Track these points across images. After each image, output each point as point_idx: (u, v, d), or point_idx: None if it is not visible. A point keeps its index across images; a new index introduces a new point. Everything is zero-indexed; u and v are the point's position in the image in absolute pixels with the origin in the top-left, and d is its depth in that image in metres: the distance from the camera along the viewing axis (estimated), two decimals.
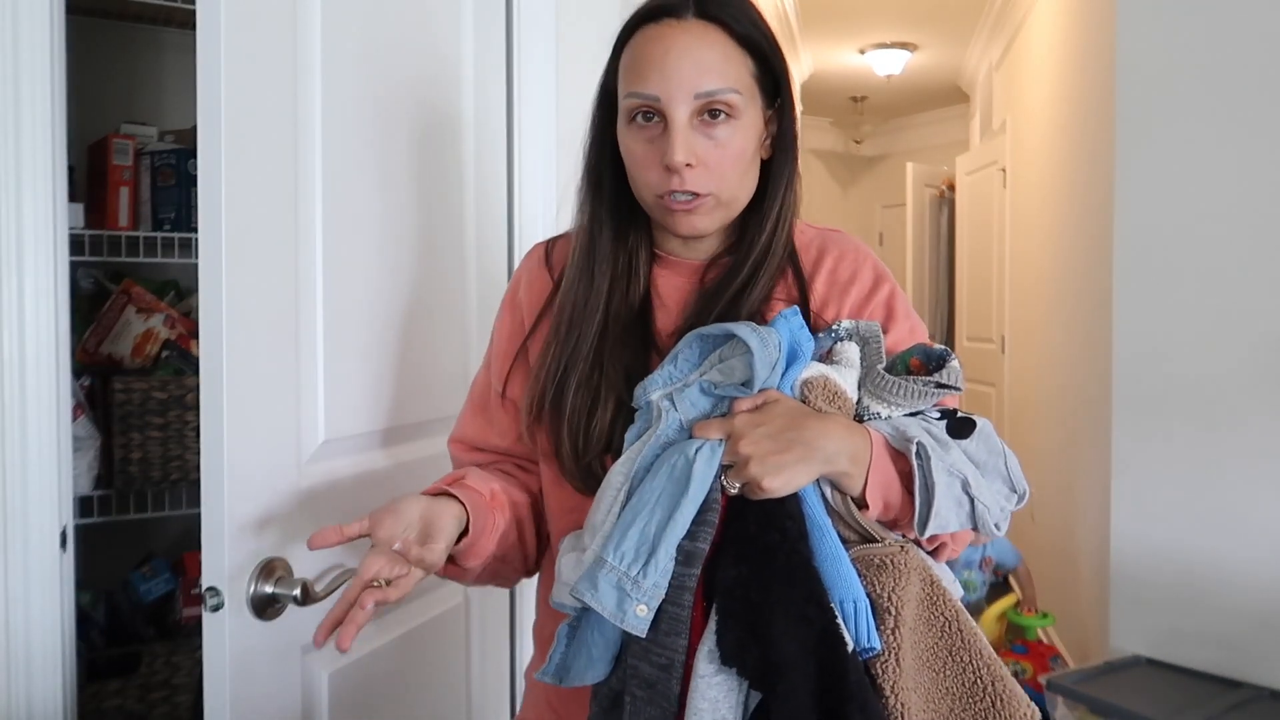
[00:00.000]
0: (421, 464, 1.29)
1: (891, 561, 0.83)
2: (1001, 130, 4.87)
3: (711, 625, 0.82)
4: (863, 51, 5.69)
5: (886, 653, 0.82)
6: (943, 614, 0.85)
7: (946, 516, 0.85)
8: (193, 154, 1.87)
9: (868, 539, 0.86)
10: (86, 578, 1.80)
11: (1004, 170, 4.77)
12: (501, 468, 1.07)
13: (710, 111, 0.91)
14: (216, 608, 0.99)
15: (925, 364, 0.89)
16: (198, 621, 1.07)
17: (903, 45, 5.58)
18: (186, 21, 1.98)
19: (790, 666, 0.78)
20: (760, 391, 0.85)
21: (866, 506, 0.85)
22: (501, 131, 1.57)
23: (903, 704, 0.80)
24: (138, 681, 1.87)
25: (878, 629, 0.82)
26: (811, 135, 7.34)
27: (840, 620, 0.80)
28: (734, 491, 0.83)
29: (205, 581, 1.00)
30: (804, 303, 0.97)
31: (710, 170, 0.92)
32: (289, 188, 1.10)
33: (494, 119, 1.55)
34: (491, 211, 1.54)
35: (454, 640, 1.47)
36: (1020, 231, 4.42)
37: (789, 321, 0.88)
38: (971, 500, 0.85)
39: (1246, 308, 2.35)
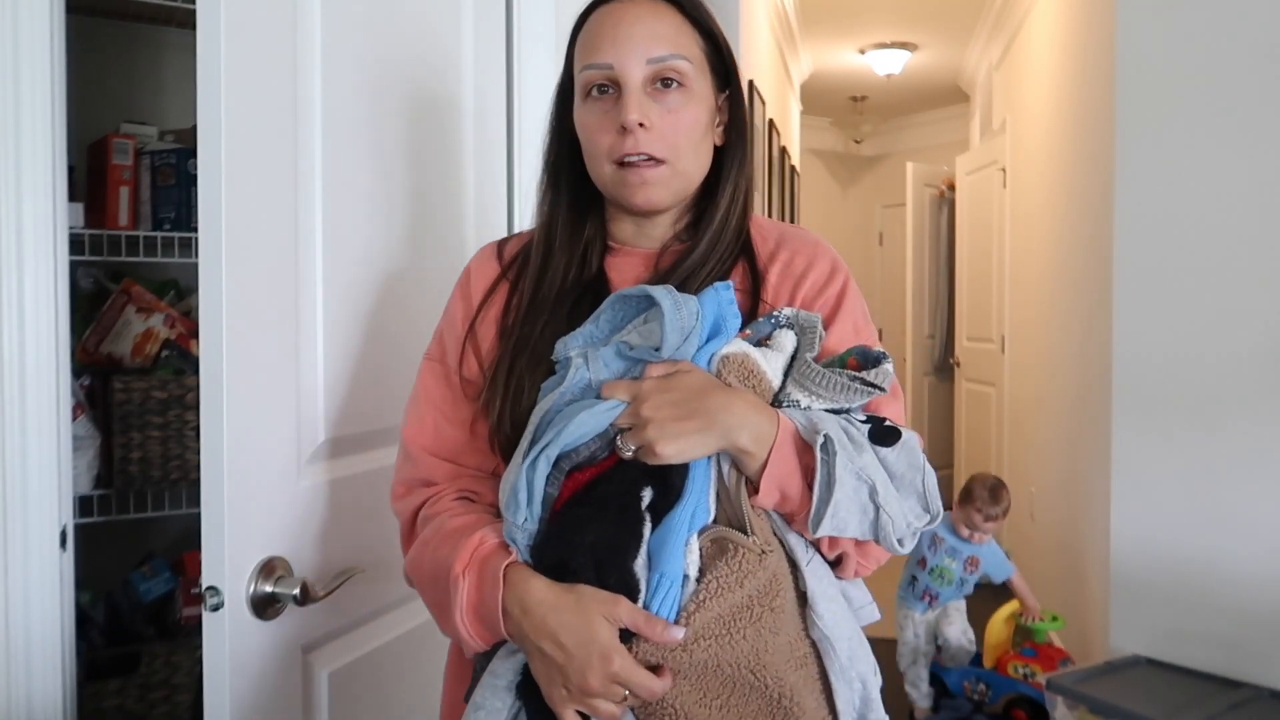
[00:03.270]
0: None
1: (739, 554, 0.81)
2: (1001, 130, 4.87)
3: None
4: (863, 51, 5.69)
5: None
6: (756, 633, 0.81)
7: (846, 519, 0.82)
8: (193, 154, 1.87)
9: (743, 530, 0.84)
10: (86, 577, 1.80)
11: (1004, 170, 4.77)
12: (474, 490, 1.02)
13: (663, 80, 0.94)
14: (216, 607, 0.99)
15: (862, 364, 0.87)
16: (198, 621, 1.08)
17: (903, 45, 5.57)
18: (186, 21, 1.97)
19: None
20: (673, 360, 0.85)
21: (758, 492, 0.84)
22: (501, 130, 1.57)
23: (682, 691, 0.81)
24: (137, 681, 1.87)
25: (679, 610, 0.81)
26: (811, 135, 7.34)
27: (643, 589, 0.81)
28: (628, 455, 0.82)
29: (205, 581, 1.00)
30: (756, 292, 0.97)
31: (664, 135, 0.94)
32: (289, 187, 1.10)
33: (494, 117, 1.55)
34: (492, 210, 1.54)
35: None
36: (1020, 231, 4.42)
37: (719, 295, 0.88)
38: (877, 509, 0.82)
39: (1246, 307, 2.35)
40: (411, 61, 1.33)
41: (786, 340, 0.88)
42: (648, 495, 0.83)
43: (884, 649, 3.06)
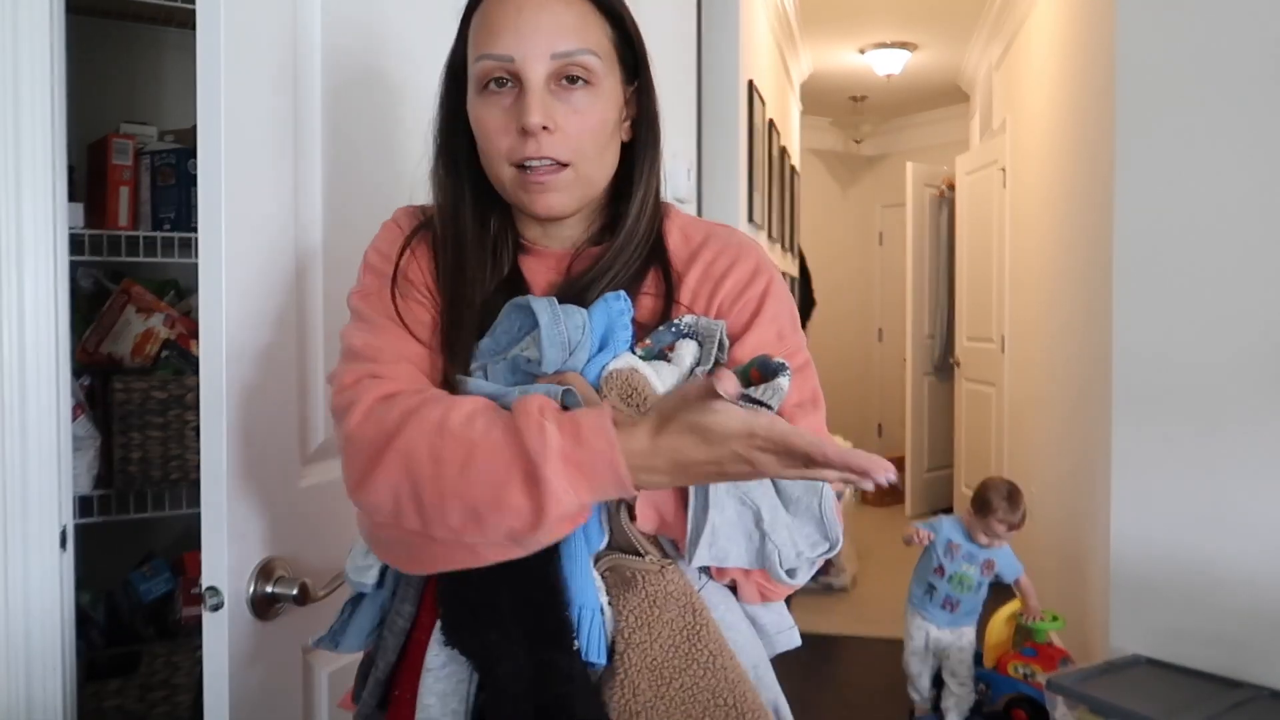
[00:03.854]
0: None
1: (643, 579, 0.78)
2: (1001, 130, 4.87)
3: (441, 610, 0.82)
4: (863, 51, 5.69)
5: (614, 678, 0.77)
6: (706, 649, 0.78)
7: (727, 548, 0.77)
8: (193, 154, 1.87)
9: (635, 551, 0.81)
10: (86, 577, 1.80)
11: (1004, 170, 4.77)
12: None
13: (568, 77, 0.85)
14: (216, 607, 0.99)
15: (764, 376, 0.81)
16: (197, 621, 1.07)
17: (903, 45, 5.57)
18: (186, 21, 1.97)
19: (507, 652, 0.76)
20: (557, 374, 0.80)
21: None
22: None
23: None
24: (137, 681, 1.87)
25: (610, 651, 0.78)
26: (811, 135, 7.34)
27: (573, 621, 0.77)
28: None
29: (205, 581, 1.00)
30: (669, 295, 0.90)
31: (569, 138, 0.85)
32: (289, 187, 1.10)
33: None
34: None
35: None
36: (1020, 231, 4.42)
37: (609, 305, 0.84)
38: (763, 536, 0.77)
39: (1246, 307, 2.36)
40: (411, 60, 1.33)
41: (686, 351, 0.84)
42: None
43: (886, 649, 3.07)
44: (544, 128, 0.84)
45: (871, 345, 7.64)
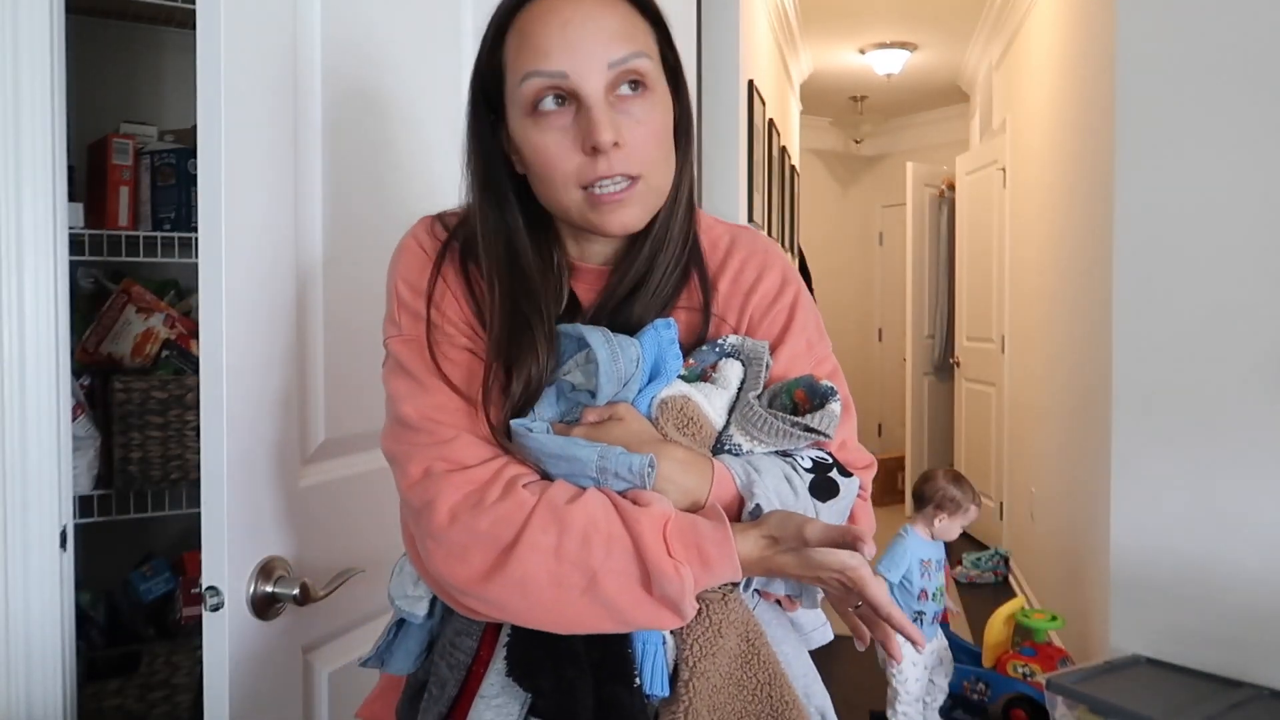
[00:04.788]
0: None
1: (706, 608, 0.79)
2: (1001, 130, 4.88)
3: (502, 640, 0.81)
4: (863, 51, 5.69)
5: (676, 704, 0.78)
6: (757, 677, 0.80)
7: (769, 580, 0.80)
8: (193, 154, 1.88)
9: None
10: (86, 577, 1.80)
11: (1004, 170, 4.77)
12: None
13: (627, 84, 0.81)
14: (216, 607, 0.99)
15: (809, 397, 0.83)
16: (197, 621, 1.08)
17: (903, 45, 5.58)
18: (186, 21, 1.98)
19: (573, 688, 0.77)
20: (609, 405, 0.80)
21: None
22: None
23: None
24: (137, 681, 1.87)
25: (672, 678, 0.79)
26: (811, 135, 7.34)
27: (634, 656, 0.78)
28: None
29: (205, 581, 1.00)
30: (706, 308, 0.90)
31: (636, 151, 0.81)
32: (289, 187, 1.10)
33: None
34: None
35: None
36: (1020, 231, 4.42)
37: (659, 334, 0.83)
38: None
39: (1246, 308, 2.35)
40: (411, 60, 1.33)
41: (732, 373, 0.84)
42: None
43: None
44: (615, 144, 0.80)
45: (871, 345, 7.64)
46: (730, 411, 0.84)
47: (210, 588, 1.00)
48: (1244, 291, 2.36)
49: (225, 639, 1.00)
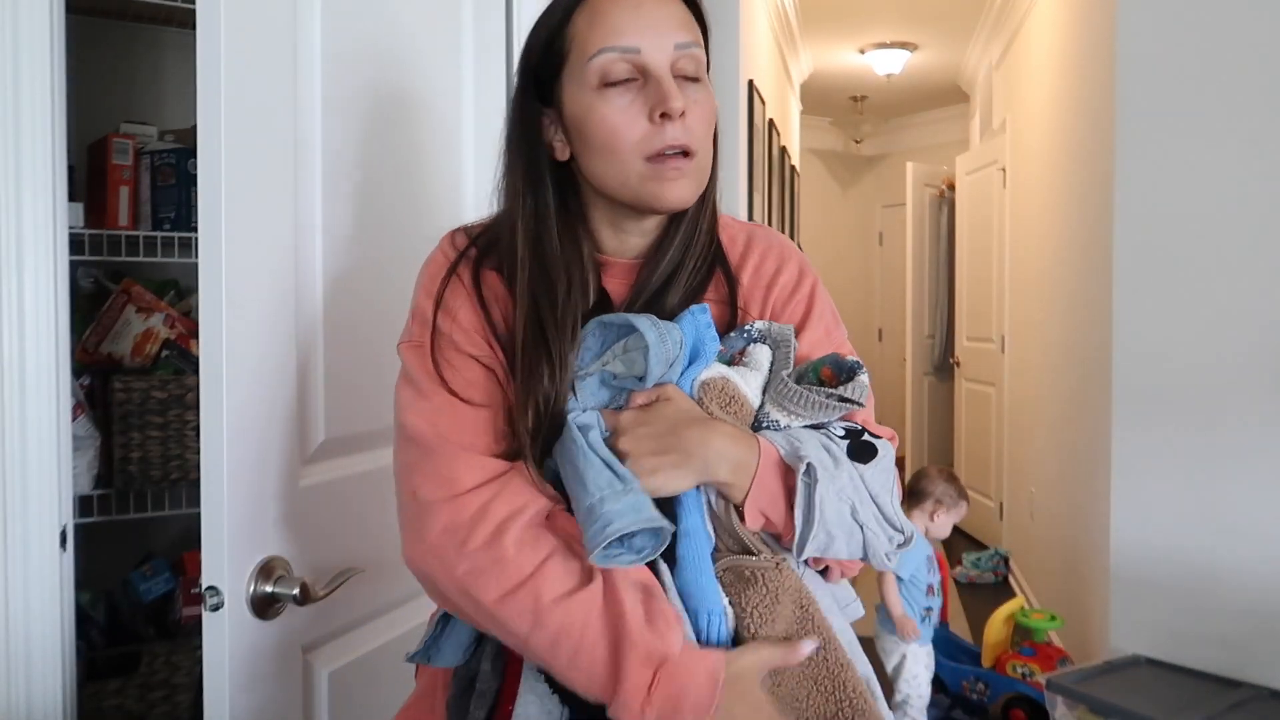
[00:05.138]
0: None
1: (762, 577, 0.82)
2: (1001, 130, 4.88)
3: None
4: (863, 51, 5.69)
5: None
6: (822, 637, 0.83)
7: (830, 540, 0.82)
8: (193, 154, 1.87)
9: (747, 550, 0.85)
10: (86, 577, 1.80)
11: (1004, 170, 4.77)
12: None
13: (683, 72, 0.88)
14: (216, 607, 0.99)
15: (836, 375, 0.87)
16: (197, 621, 1.07)
17: (903, 45, 5.58)
18: (186, 21, 1.97)
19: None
20: (656, 387, 0.84)
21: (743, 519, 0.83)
22: (502, 126, 1.57)
23: None
24: (137, 681, 1.87)
25: (733, 645, 0.82)
26: (811, 135, 7.34)
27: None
28: None
29: (205, 581, 1.00)
30: (732, 301, 0.95)
31: (695, 128, 0.88)
32: (289, 187, 1.10)
33: (495, 115, 1.54)
34: (492, 209, 1.54)
35: None
36: (1020, 231, 4.42)
37: (696, 319, 0.87)
38: (861, 528, 0.83)
39: (1246, 307, 2.36)
40: (412, 61, 1.34)
41: (762, 356, 0.88)
42: None
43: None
44: (682, 113, 0.85)
45: (871, 345, 7.64)
46: (764, 392, 0.88)
47: (210, 588, 1.00)
48: (1244, 292, 2.36)
49: (225, 639, 1.00)
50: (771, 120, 4.15)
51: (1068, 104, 3.33)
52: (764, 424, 0.87)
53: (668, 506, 0.83)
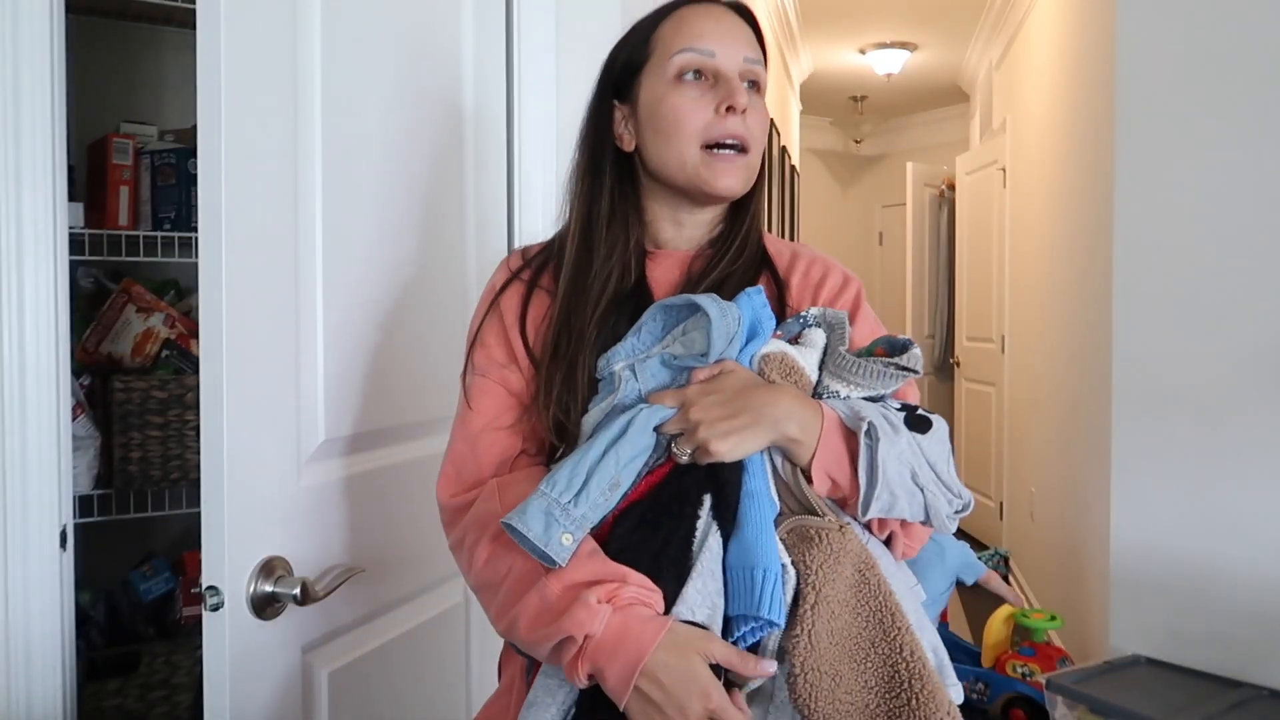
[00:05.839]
0: (421, 464, 1.29)
1: (825, 537, 0.84)
2: (1001, 130, 4.88)
3: None
4: (863, 51, 5.69)
5: (799, 628, 0.81)
6: (870, 603, 0.84)
7: (894, 501, 0.85)
8: (193, 153, 1.88)
9: (811, 513, 0.87)
10: (86, 577, 1.80)
11: (1004, 170, 4.77)
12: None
13: (750, 82, 1.01)
14: (216, 607, 0.99)
15: (890, 352, 0.91)
16: (197, 621, 1.08)
17: (903, 45, 5.58)
18: (186, 21, 1.98)
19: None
20: (717, 362, 0.89)
21: (810, 481, 0.87)
22: (501, 128, 1.57)
23: (810, 684, 0.80)
24: (137, 681, 1.87)
25: (796, 604, 0.82)
26: (811, 135, 7.34)
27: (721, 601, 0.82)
28: (684, 459, 0.86)
29: (205, 581, 1.00)
30: (782, 299, 1.03)
31: (753, 128, 1.00)
32: (289, 187, 1.10)
33: (494, 115, 1.55)
34: (491, 209, 1.54)
35: (454, 640, 1.47)
36: (1020, 231, 4.42)
37: (752, 299, 0.91)
38: (922, 490, 0.86)
39: (1246, 307, 2.35)
40: (411, 61, 1.34)
41: (817, 337, 0.93)
42: (708, 501, 0.85)
43: None
44: (744, 110, 0.98)
45: None
46: (820, 370, 0.92)
47: (210, 587, 1.00)
48: (1244, 291, 2.36)
49: (225, 639, 1.00)
50: (771, 120, 4.15)
51: (1068, 104, 3.33)
52: (824, 396, 0.91)
53: (731, 475, 0.85)
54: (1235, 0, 2.35)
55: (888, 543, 0.94)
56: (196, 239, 1.14)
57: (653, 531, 0.84)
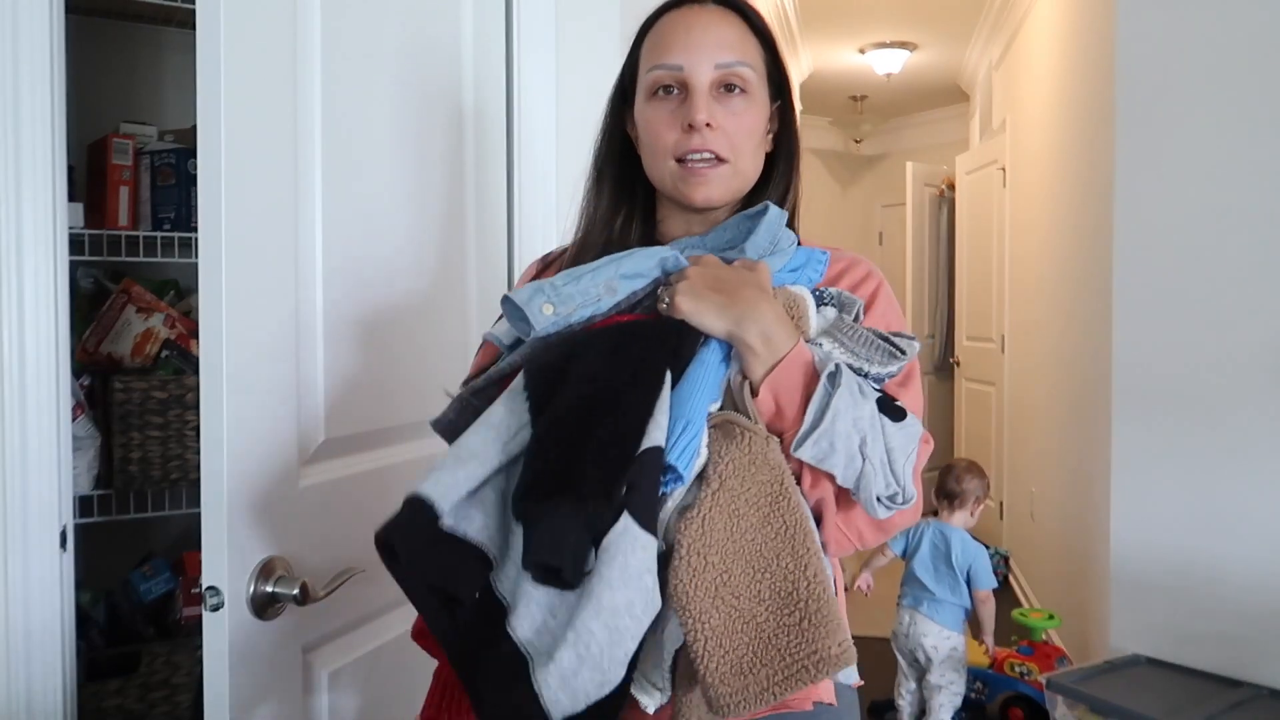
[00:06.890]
0: (421, 464, 1.28)
1: (747, 439, 0.84)
2: (1001, 129, 4.88)
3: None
4: (863, 51, 5.69)
5: (696, 510, 0.81)
6: (785, 517, 0.83)
7: (830, 452, 0.83)
8: (193, 154, 1.88)
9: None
10: (86, 577, 1.80)
11: (1004, 169, 4.77)
12: None
13: (727, 85, 0.98)
14: (216, 607, 0.99)
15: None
16: (198, 621, 1.08)
17: (902, 44, 5.57)
18: (186, 21, 1.98)
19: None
20: (752, 260, 0.91)
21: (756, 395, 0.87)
22: (501, 127, 1.57)
23: (693, 569, 0.79)
24: (138, 681, 1.87)
25: (699, 490, 0.82)
26: (811, 134, 7.34)
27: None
28: (662, 306, 0.88)
29: (205, 581, 1.00)
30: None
31: (728, 136, 0.98)
32: (289, 187, 1.10)
33: (493, 115, 1.55)
34: (491, 209, 1.54)
35: None
36: (1020, 231, 4.42)
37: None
38: (864, 459, 0.84)
39: (1246, 307, 2.35)
40: (411, 62, 1.34)
41: (829, 312, 0.94)
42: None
43: (884, 647, 3.08)
44: (707, 124, 0.97)
45: None
46: (823, 334, 0.93)
47: (210, 588, 1.00)
48: (1244, 291, 2.36)
49: (225, 639, 1.00)
50: None
51: (1068, 104, 3.33)
52: (811, 344, 0.91)
53: (688, 346, 0.86)
54: (1235, 0, 2.35)
55: (818, 522, 0.90)
56: (196, 239, 1.14)
57: (624, 355, 0.86)
